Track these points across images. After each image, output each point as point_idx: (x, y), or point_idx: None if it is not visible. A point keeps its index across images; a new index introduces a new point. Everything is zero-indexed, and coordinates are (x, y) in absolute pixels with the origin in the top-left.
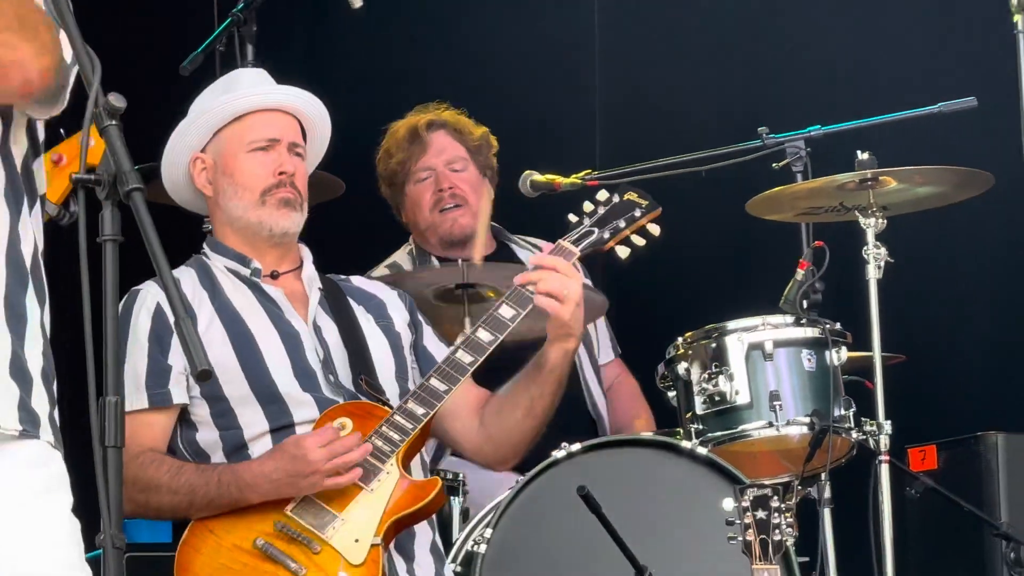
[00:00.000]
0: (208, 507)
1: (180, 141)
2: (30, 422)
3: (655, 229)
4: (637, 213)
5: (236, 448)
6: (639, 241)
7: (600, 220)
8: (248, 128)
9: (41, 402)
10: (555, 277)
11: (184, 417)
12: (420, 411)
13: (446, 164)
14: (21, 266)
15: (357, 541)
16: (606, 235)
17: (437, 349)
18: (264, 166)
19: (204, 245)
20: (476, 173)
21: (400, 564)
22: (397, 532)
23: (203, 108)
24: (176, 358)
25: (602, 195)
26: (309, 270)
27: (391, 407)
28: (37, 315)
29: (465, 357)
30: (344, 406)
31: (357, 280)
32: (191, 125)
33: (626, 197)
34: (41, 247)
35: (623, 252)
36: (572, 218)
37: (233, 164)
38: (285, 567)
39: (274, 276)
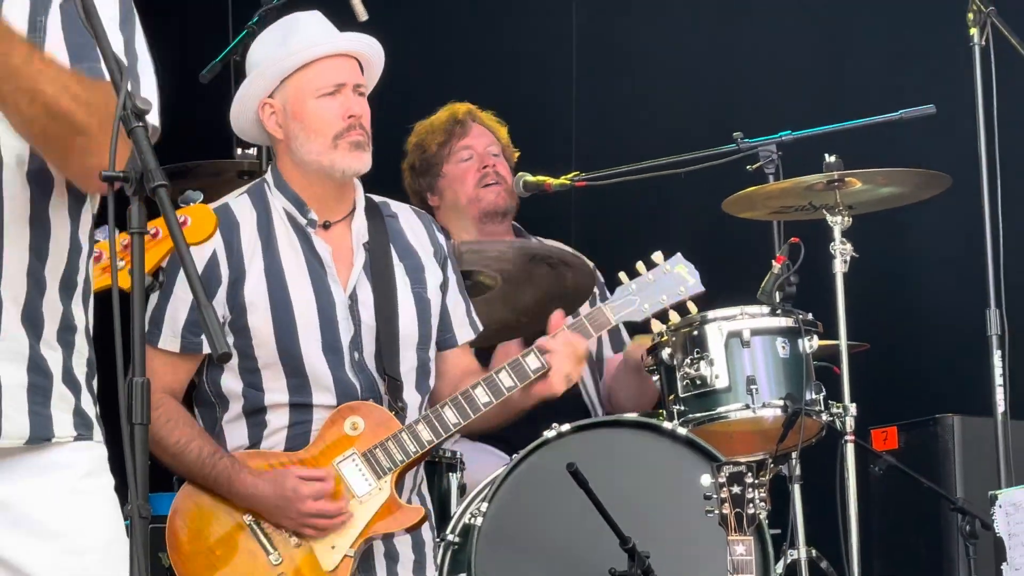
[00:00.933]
0: (198, 483)
1: (249, 90)
2: (84, 426)
3: (692, 307)
4: (682, 290)
5: (255, 410)
6: (675, 317)
7: (645, 290)
8: (316, 75)
9: (88, 403)
10: (570, 363)
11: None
12: (426, 437)
13: (485, 147)
14: (73, 279)
15: (333, 548)
16: (645, 306)
17: (455, 306)
18: (333, 111)
19: (267, 174)
20: (506, 164)
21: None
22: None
23: (270, 57)
24: (219, 309)
25: (657, 257)
26: (359, 221)
27: (403, 418)
28: (83, 322)
29: (482, 396)
30: (362, 406)
31: (404, 217)
32: (260, 75)
33: (676, 269)
34: (90, 252)
35: (657, 327)
36: (623, 278)
37: (303, 110)
38: (264, 551)
39: (326, 227)
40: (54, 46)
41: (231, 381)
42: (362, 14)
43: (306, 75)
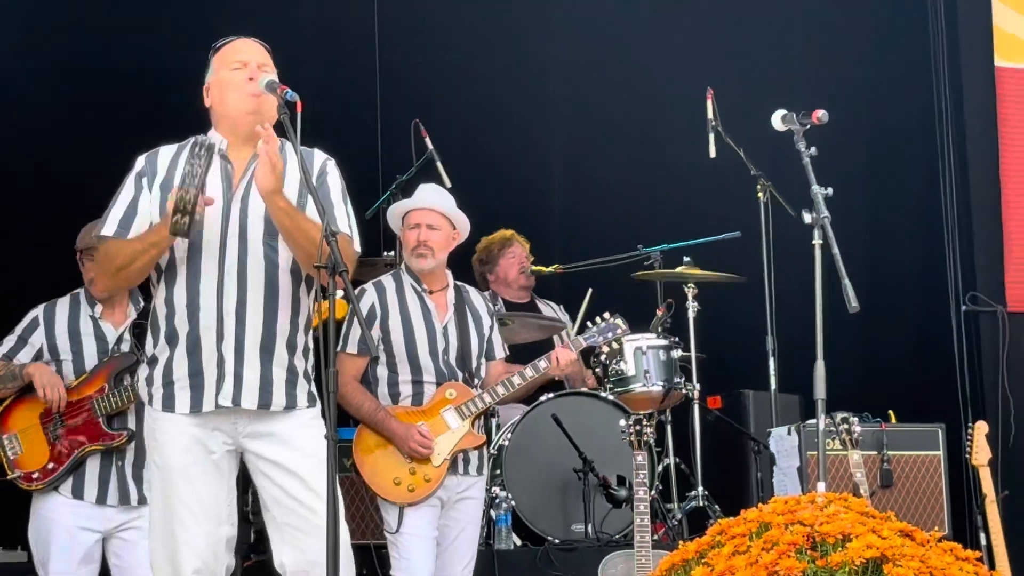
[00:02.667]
0: (367, 425)
1: (391, 221)
2: (311, 399)
3: (623, 341)
4: (619, 332)
5: (392, 384)
6: (615, 345)
7: (600, 330)
8: (409, 218)
9: (313, 388)
10: (568, 360)
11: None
12: (488, 400)
13: (522, 254)
14: (308, 323)
15: (439, 455)
16: (600, 339)
17: (496, 339)
18: (412, 238)
19: (403, 264)
20: (529, 264)
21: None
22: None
23: (404, 202)
24: (376, 332)
25: (606, 315)
26: (450, 293)
27: (477, 391)
28: (309, 345)
29: (517, 380)
30: (455, 384)
31: (473, 293)
32: (394, 215)
33: (616, 320)
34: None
35: (605, 349)
36: (589, 324)
37: (404, 235)
38: (403, 456)
39: (431, 292)
40: (311, 209)
41: (381, 370)
42: (447, 183)
43: (407, 217)
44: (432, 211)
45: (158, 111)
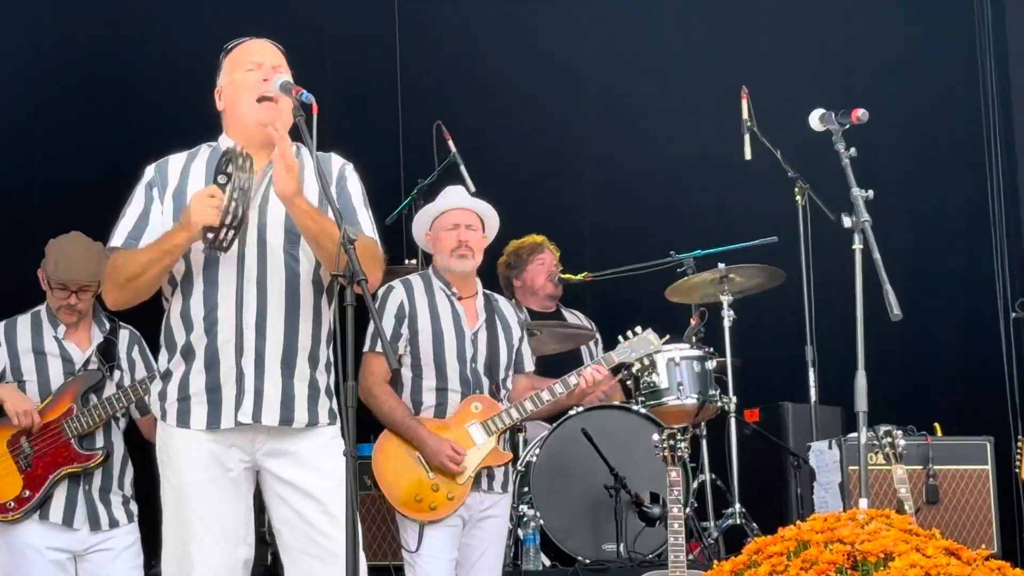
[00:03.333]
0: (395, 431)
1: (418, 225)
2: (331, 416)
3: (655, 356)
4: (651, 348)
5: (417, 391)
6: (646, 361)
7: (633, 346)
8: (446, 218)
9: (334, 404)
10: (600, 379)
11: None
12: (515, 415)
13: (550, 262)
14: (329, 337)
15: (464, 471)
16: (633, 355)
17: (525, 350)
18: (452, 238)
19: (432, 266)
20: (556, 271)
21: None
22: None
23: (429, 209)
24: (403, 331)
25: (638, 329)
26: (480, 300)
27: (504, 405)
28: (331, 359)
29: (546, 396)
30: (481, 397)
31: (502, 301)
32: (421, 220)
33: (649, 336)
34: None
35: (637, 364)
36: (620, 338)
37: (440, 236)
38: (425, 471)
39: (460, 298)
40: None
41: (405, 372)
42: (471, 187)
43: (443, 218)
44: (470, 211)
45: (161, 118)
